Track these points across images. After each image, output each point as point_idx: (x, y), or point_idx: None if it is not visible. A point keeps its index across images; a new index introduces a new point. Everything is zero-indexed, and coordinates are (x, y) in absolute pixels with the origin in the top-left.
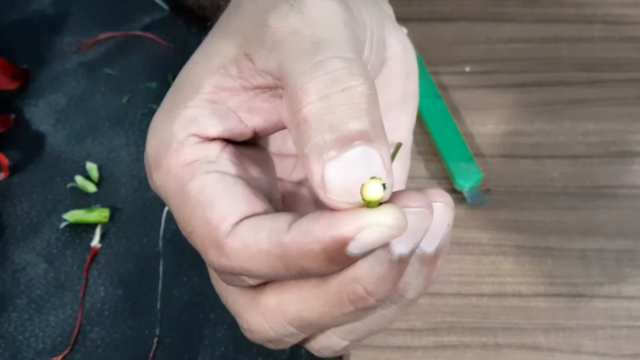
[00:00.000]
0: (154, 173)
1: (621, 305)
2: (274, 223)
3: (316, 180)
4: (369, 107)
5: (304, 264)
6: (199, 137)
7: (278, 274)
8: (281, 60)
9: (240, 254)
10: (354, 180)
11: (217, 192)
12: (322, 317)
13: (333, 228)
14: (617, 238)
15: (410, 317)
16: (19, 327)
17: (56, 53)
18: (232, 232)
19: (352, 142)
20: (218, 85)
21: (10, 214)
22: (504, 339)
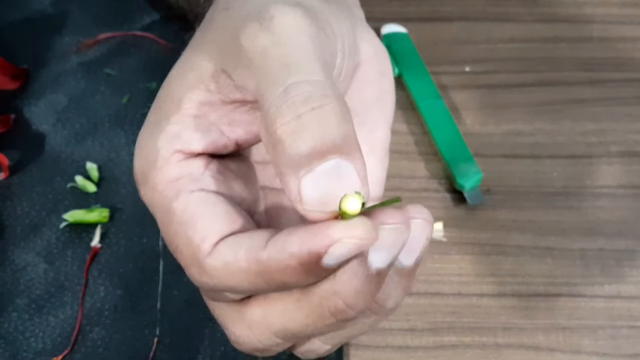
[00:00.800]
0: (141, 189)
1: (621, 305)
2: (252, 241)
3: (293, 194)
4: (340, 122)
5: (283, 278)
6: (184, 153)
7: (259, 289)
8: (256, 81)
9: (220, 272)
10: (328, 192)
11: (200, 211)
12: (306, 328)
13: (307, 243)
14: (617, 238)
15: (411, 317)
16: (19, 327)
17: (56, 53)
18: (213, 252)
19: (326, 156)
20: (198, 101)
21: (10, 214)
22: (504, 338)
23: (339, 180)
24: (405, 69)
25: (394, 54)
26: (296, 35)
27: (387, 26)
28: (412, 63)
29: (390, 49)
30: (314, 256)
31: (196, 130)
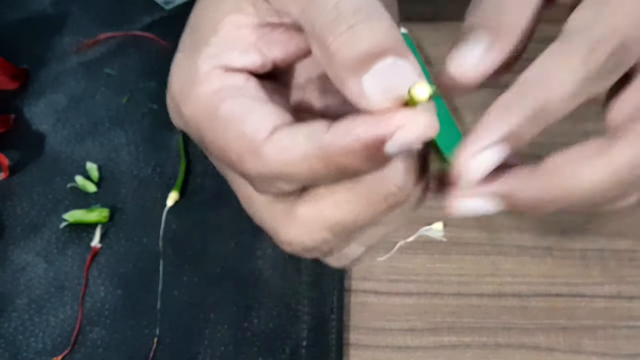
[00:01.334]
0: (182, 106)
1: (621, 305)
2: (311, 127)
3: (356, 94)
4: (389, 28)
5: (344, 163)
6: (224, 68)
7: (316, 176)
8: (301, 6)
9: (278, 157)
10: (390, 86)
11: (249, 109)
12: (357, 218)
13: (373, 127)
14: (617, 238)
15: (411, 317)
16: (19, 327)
17: (56, 53)
18: (269, 139)
19: (382, 56)
20: (236, 24)
21: (10, 214)
22: (504, 338)
23: (398, 74)
24: None
25: None
26: None
27: None
28: None
29: None
30: (378, 141)
31: (234, 50)
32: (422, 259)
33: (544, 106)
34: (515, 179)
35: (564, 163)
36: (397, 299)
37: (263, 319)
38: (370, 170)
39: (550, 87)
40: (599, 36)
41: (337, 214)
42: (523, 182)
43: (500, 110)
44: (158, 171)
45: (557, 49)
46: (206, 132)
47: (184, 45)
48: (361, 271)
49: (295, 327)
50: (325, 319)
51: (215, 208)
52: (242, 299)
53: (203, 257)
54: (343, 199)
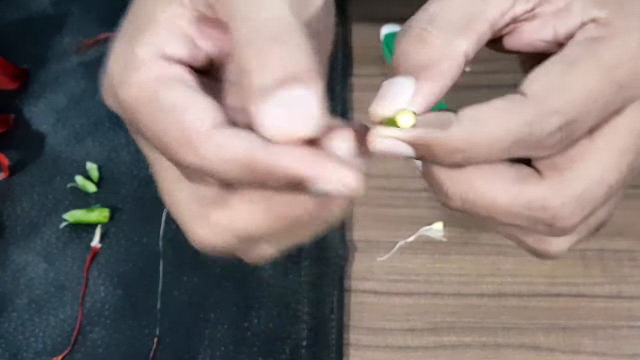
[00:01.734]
0: (118, 89)
1: (621, 305)
2: (250, 135)
3: (255, 119)
4: (303, 57)
5: (267, 181)
6: (162, 57)
7: (242, 180)
8: (229, 10)
9: (214, 154)
10: (291, 116)
11: (191, 100)
12: (265, 230)
13: (301, 165)
14: (617, 238)
15: (411, 317)
16: (19, 327)
17: (56, 53)
18: (208, 134)
19: (288, 84)
20: (173, 14)
21: (10, 214)
22: (504, 338)
23: (301, 106)
24: None
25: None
26: None
27: (387, 26)
28: None
29: (390, 49)
30: (299, 179)
31: (171, 39)
32: (422, 259)
33: (469, 147)
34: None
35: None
36: (397, 299)
37: (263, 319)
38: (291, 192)
39: (483, 133)
40: (551, 109)
41: (246, 224)
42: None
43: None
44: None
45: (505, 104)
46: (143, 117)
47: (123, 31)
48: (361, 271)
49: (295, 327)
50: (325, 319)
51: None
52: (242, 299)
53: (203, 257)
54: (254, 211)
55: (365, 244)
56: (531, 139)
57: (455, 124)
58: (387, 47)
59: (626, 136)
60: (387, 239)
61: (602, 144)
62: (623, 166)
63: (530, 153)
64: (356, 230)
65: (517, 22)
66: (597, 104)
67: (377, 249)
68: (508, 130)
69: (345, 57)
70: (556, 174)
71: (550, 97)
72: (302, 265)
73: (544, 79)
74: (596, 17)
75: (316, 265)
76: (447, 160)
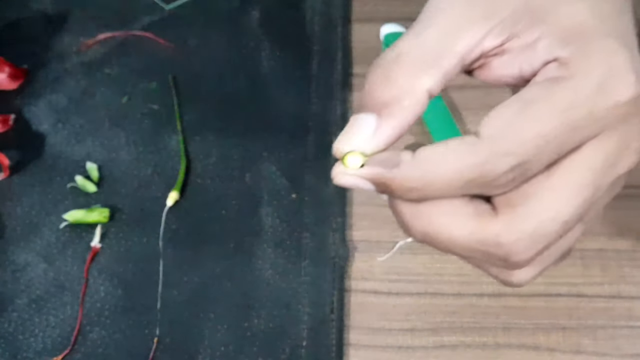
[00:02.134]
0: None
1: (621, 305)
2: None
3: None
4: None
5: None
6: None
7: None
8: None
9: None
10: None
11: None
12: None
13: None
14: (617, 238)
15: (411, 317)
16: (19, 327)
17: (56, 53)
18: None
19: None
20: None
21: (10, 214)
22: (504, 338)
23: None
24: None
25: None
26: None
27: (387, 26)
28: None
29: None
30: None
31: None
32: (422, 259)
33: (423, 185)
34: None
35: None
36: (397, 299)
37: (263, 319)
38: None
39: (437, 173)
40: (503, 150)
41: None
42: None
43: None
44: (158, 171)
45: (460, 145)
46: None
47: None
48: (361, 271)
49: (295, 327)
50: (325, 319)
51: (215, 208)
52: (242, 298)
53: (203, 257)
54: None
55: (366, 244)
56: (483, 179)
57: (411, 163)
58: (387, 47)
59: (583, 172)
60: (387, 239)
61: (558, 181)
62: (579, 202)
63: (485, 191)
64: (356, 230)
65: (488, 57)
66: (551, 145)
67: (377, 249)
68: (460, 171)
69: (345, 57)
70: (510, 210)
71: (503, 139)
72: (302, 265)
73: (498, 121)
74: (558, 56)
75: (316, 265)
76: (405, 196)
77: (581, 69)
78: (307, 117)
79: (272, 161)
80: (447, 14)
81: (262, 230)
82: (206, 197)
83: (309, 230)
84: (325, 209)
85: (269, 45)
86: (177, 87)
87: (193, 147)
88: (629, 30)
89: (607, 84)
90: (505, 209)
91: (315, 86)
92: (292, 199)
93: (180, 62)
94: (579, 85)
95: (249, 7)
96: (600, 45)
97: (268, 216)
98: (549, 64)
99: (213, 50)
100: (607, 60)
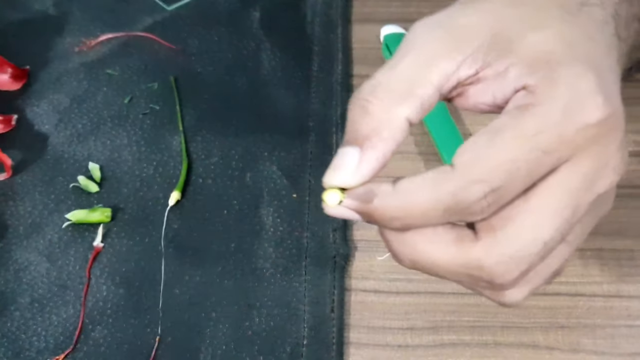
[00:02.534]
0: None
1: (620, 305)
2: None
3: None
4: None
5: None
6: None
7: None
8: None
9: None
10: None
11: None
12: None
13: None
14: (615, 238)
15: (410, 316)
16: (22, 326)
17: (58, 53)
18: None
19: None
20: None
21: (13, 214)
22: (503, 337)
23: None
24: None
25: None
26: None
27: (387, 27)
28: None
29: (390, 50)
30: None
31: None
32: None
33: (403, 214)
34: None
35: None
36: (397, 298)
37: (264, 318)
38: None
39: (414, 202)
40: (474, 178)
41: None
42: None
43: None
44: (160, 171)
45: (435, 176)
46: None
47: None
48: (361, 270)
49: (296, 326)
50: (325, 317)
51: (216, 208)
52: (243, 298)
53: (204, 256)
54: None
55: (366, 243)
56: (459, 206)
57: (390, 193)
58: (387, 47)
59: (560, 194)
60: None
61: (535, 203)
62: (558, 223)
63: (464, 218)
64: (356, 229)
65: (464, 85)
66: (522, 171)
67: (377, 248)
68: (436, 200)
69: (345, 58)
70: (491, 234)
71: (474, 167)
72: (303, 265)
73: (469, 151)
74: (527, 84)
75: (316, 264)
76: (389, 225)
77: (548, 94)
78: (307, 117)
79: (272, 161)
80: (421, 47)
81: (263, 229)
82: (207, 196)
83: (310, 229)
84: None
85: (269, 45)
86: (179, 87)
87: (194, 147)
88: (599, 53)
89: (574, 107)
90: (485, 234)
91: (316, 86)
92: (293, 199)
93: (181, 62)
94: (546, 110)
95: (249, 8)
96: (566, 70)
97: (269, 216)
98: (518, 92)
99: (214, 50)
100: (573, 85)
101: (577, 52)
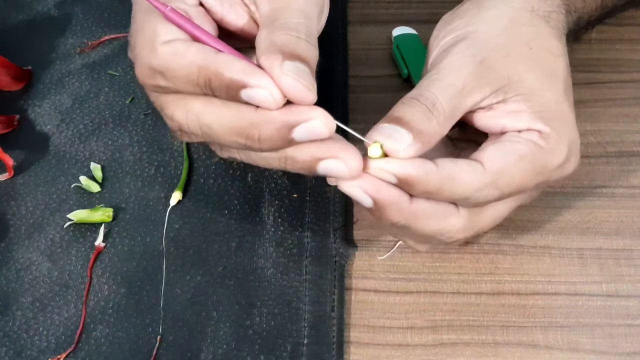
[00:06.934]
0: None
1: (619, 304)
2: (205, 47)
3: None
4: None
5: (215, 82)
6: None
7: (190, 82)
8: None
9: (169, 57)
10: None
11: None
12: (222, 136)
13: (240, 73)
14: (614, 237)
15: (410, 316)
16: (24, 326)
17: (60, 54)
18: (168, 42)
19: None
20: None
21: (14, 214)
22: (502, 337)
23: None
24: (415, 69)
25: (404, 55)
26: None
27: (397, 28)
28: (422, 64)
29: (400, 50)
30: (236, 84)
31: None
32: (421, 258)
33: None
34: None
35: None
36: (397, 297)
37: (264, 317)
38: (232, 99)
39: (449, 186)
40: (497, 185)
41: (213, 121)
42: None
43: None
44: (161, 171)
45: (472, 170)
46: (133, 21)
47: None
48: (362, 270)
49: (296, 325)
50: (325, 317)
51: (217, 207)
52: (244, 297)
53: (205, 256)
54: (224, 117)
55: (366, 243)
56: (473, 200)
57: (435, 171)
58: (397, 48)
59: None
60: (388, 237)
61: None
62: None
63: (466, 205)
64: (357, 229)
65: (477, 110)
66: (519, 189)
67: (377, 248)
68: (465, 189)
69: (344, 59)
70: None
71: (500, 178)
72: (303, 264)
73: (501, 162)
74: (541, 129)
75: (317, 263)
76: (417, 193)
77: (557, 144)
78: None
79: None
80: (458, 73)
81: (264, 229)
82: (208, 196)
83: (310, 229)
84: (326, 208)
85: None
86: None
87: (195, 147)
88: (570, 92)
89: (569, 159)
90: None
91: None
92: (294, 199)
93: None
94: (552, 157)
95: None
96: (569, 128)
97: (270, 215)
98: (532, 131)
99: None
100: (570, 137)
101: (568, 104)
